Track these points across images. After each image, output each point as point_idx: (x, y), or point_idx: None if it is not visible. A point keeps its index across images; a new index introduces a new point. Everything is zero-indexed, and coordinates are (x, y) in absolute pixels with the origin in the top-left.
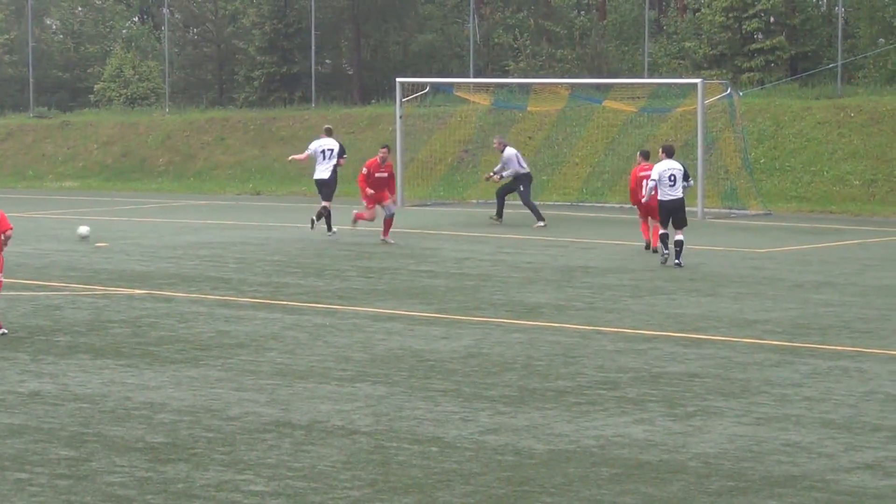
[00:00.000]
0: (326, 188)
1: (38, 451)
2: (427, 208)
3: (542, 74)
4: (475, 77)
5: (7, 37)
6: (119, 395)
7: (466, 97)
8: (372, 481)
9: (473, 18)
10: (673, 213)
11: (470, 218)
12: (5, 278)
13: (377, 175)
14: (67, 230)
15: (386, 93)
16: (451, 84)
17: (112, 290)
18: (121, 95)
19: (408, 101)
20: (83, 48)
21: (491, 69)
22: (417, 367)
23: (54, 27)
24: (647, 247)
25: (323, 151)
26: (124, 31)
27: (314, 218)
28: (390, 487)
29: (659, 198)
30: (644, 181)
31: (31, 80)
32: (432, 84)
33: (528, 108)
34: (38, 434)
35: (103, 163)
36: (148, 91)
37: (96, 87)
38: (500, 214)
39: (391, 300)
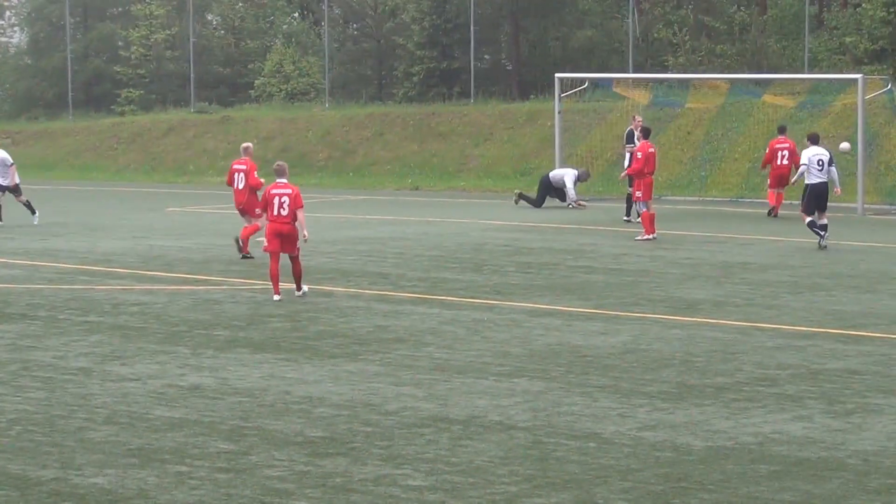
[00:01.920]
0: None
1: (198, 445)
2: (586, 203)
3: (701, 70)
4: (634, 73)
5: (168, 32)
6: (278, 389)
7: (625, 93)
8: (529, 476)
9: (633, 13)
10: (820, 198)
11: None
12: (169, 273)
13: None
14: (228, 225)
15: (545, 88)
16: (610, 79)
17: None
18: (281, 91)
19: (566, 96)
20: (244, 44)
21: (650, 64)
22: (575, 363)
23: (215, 23)
24: (770, 213)
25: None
26: (285, 26)
27: None
28: (548, 483)
29: (807, 181)
30: (778, 152)
31: (192, 75)
32: (591, 79)
33: (688, 104)
34: (198, 427)
35: (263, 158)
36: (308, 86)
37: (256, 82)
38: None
39: (549, 295)
